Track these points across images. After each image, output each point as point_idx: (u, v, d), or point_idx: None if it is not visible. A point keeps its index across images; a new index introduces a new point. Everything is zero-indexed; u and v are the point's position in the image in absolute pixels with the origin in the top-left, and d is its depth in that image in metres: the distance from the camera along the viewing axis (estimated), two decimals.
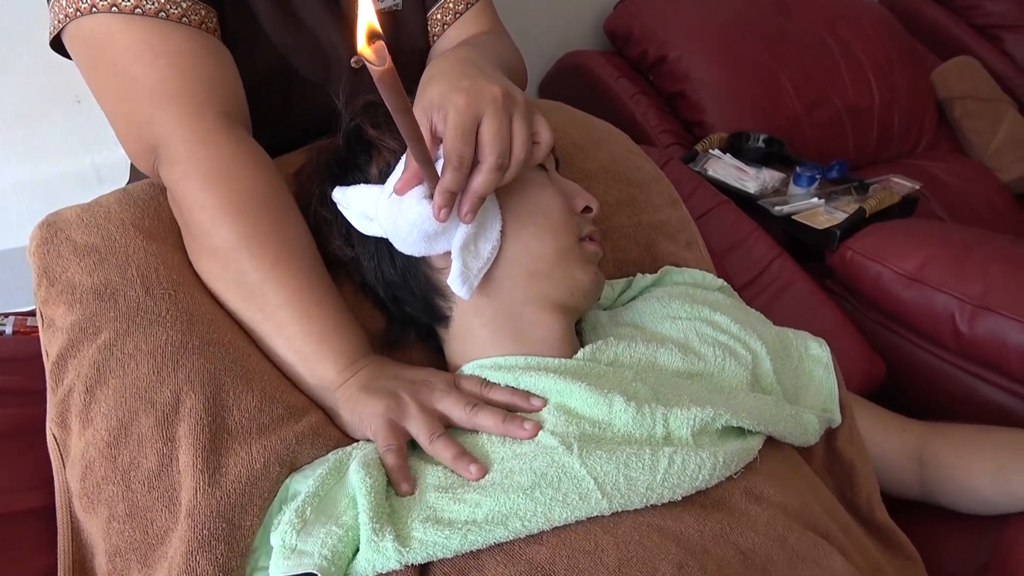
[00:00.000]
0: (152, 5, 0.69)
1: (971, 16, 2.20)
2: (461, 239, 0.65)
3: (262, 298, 0.67)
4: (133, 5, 0.68)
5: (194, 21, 0.71)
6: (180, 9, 0.69)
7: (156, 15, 0.69)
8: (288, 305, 0.66)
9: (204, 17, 0.72)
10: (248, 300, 0.68)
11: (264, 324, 0.68)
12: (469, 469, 0.58)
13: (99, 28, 0.69)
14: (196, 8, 0.71)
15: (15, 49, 1.24)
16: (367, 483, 0.56)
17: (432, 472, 0.60)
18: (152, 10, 0.68)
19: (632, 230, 0.91)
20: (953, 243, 1.20)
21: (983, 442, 0.88)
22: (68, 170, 1.36)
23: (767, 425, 0.65)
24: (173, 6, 0.69)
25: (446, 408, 0.63)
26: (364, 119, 0.72)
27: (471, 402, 0.63)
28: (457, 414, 0.63)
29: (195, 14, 0.71)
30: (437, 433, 0.61)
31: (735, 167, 1.53)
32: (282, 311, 0.66)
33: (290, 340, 0.67)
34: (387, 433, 0.61)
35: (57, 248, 0.69)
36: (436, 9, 0.90)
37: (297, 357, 0.67)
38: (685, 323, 0.75)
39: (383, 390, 0.64)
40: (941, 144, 2.02)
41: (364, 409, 0.64)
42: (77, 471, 0.61)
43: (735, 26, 1.77)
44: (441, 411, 0.63)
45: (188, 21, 0.70)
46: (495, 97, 0.62)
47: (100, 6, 0.68)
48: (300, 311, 0.66)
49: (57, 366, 0.65)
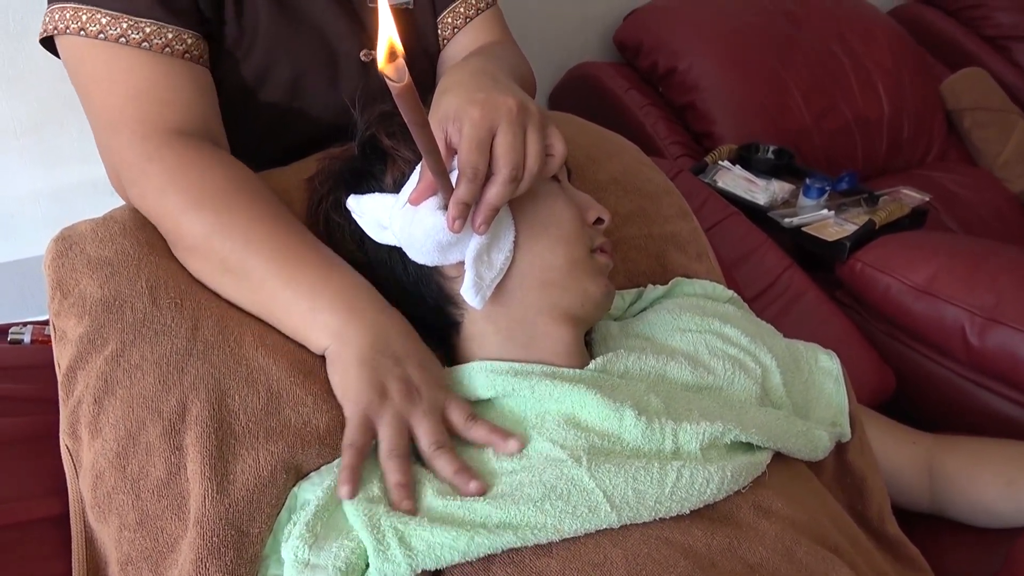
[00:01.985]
0: (114, 31, 0.70)
1: (980, 27, 2.20)
2: (474, 250, 0.65)
3: (247, 277, 0.67)
4: (97, 31, 0.70)
5: (156, 46, 0.71)
6: (142, 34, 0.71)
7: (116, 40, 0.70)
8: (272, 272, 0.66)
9: (170, 40, 0.72)
10: (238, 283, 0.68)
11: (261, 300, 0.68)
12: (403, 504, 0.56)
13: (71, 51, 0.72)
14: (161, 31, 0.71)
15: (30, 58, 1.26)
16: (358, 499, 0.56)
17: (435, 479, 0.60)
18: (114, 36, 0.70)
19: (643, 241, 0.92)
20: (963, 255, 1.19)
21: (994, 455, 0.87)
22: (83, 179, 1.38)
23: (776, 441, 0.65)
24: (135, 31, 0.70)
25: (416, 432, 0.61)
26: (379, 128, 0.73)
27: (438, 442, 0.60)
28: (421, 445, 0.61)
29: (159, 38, 0.71)
30: (394, 452, 0.59)
31: (745, 178, 1.53)
32: (269, 280, 0.67)
33: (287, 306, 0.67)
34: (355, 428, 0.60)
35: (71, 261, 0.69)
36: (447, 13, 0.91)
37: (298, 321, 0.67)
38: (695, 335, 0.75)
39: (374, 378, 0.62)
40: (951, 154, 2.01)
41: (348, 386, 0.63)
42: (88, 481, 0.62)
43: (744, 37, 1.77)
44: (413, 431, 0.62)
45: (149, 46, 0.71)
46: (510, 109, 0.62)
47: (71, 28, 0.70)
48: (286, 274, 0.66)
49: (68, 377, 0.66)
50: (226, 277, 0.68)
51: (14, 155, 1.32)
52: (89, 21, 0.70)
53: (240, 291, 0.69)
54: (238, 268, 0.67)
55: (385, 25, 0.47)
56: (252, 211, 0.69)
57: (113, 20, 0.70)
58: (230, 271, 0.68)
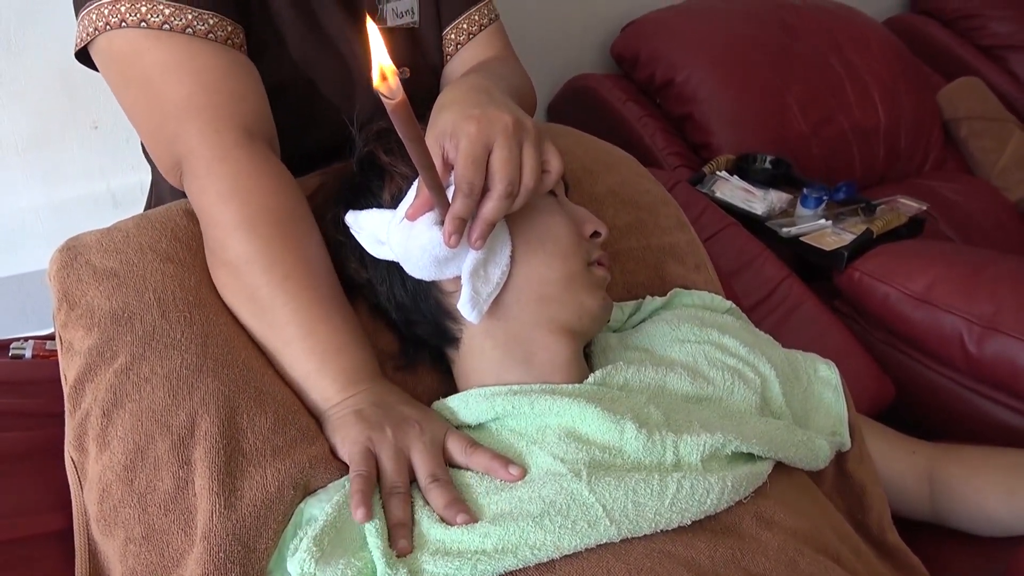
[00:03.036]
0: (180, 21, 0.70)
1: (976, 37, 2.21)
2: (471, 264, 0.66)
3: (271, 313, 0.68)
4: (161, 21, 0.69)
5: (220, 37, 0.72)
6: (207, 26, 0.71)
7: (183, 31, 0.70)
8: (296, 321, 0.67)
9: (230, 33, 0.73)
10: (258, 315, 0.69)
11: (273, 339, 0.68)
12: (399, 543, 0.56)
13: (128, 43, 0.71)
14: (223, 24, 0.72)
15: (34, 75, 1.27)
16: (375, 523, 0.57)
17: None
18: (180, 26, 0.70)
19: (641, 253, 0.92)
20: (961, 263, 1.20)
21: (994, 463, 0.88)
22: (85, 194, 1.38)
23: (777, 450, 0.65)
24: (200, 22, 0.70)
25: (415, 464, 0.62)
26: (377, 145, 0.74)
27: (434, 475, 0.61)
28: (419, 476, 0.62)
29: (221, 30, 0.72)
30: (397, 489, 0.60)
31: (743, 189, 1.54)
32: (290, 326, 0.67)
33: (296, 356, 0.67)
34: (359, 460, 0.61)
35: (77, 272, 0.70)
36: (450, 29, 0.92)
37: (301, 373, 0.68)
38: (694, 346, 0.75)
39: (372, 420, 0.64)
40: (948, 163, 2.02)
41: (347, 434, 0.64)
42: (94, 494, 0.62)
43: (741, 48, 1.78)
44: (412, 464, 0.63)
45: (215, 37, 0.71)
46: (506, 125, 0.63)
47: (129, 21, 0.69)
48: (307, 328, 0.67)
49: (75, 390, 0.66)
50: (249, 304, 0.69)
51: (16, 170, 1.32)
52: (150, 12, 0.69)
53: (256, 321, 0.69)
54: (266, 302, 0.68)
55: (376, 47, 0.48)
56: (299, 249, 0.69)
57: (178, 11, 0.70)
58: (255, 301, 0.68)
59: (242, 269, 0.68)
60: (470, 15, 0.92)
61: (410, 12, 0.89)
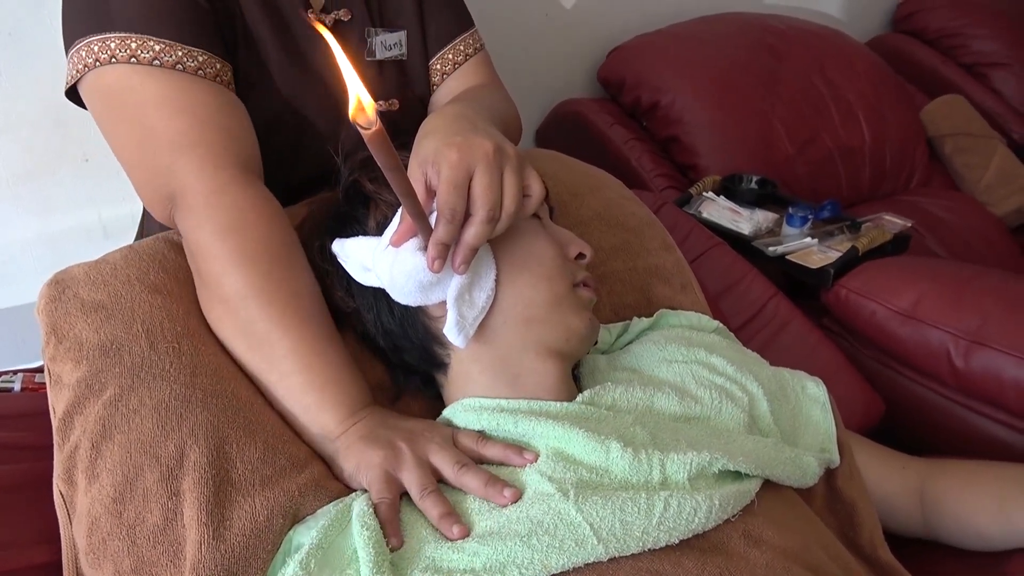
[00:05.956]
0: (170, 58, 0.71)
1: (958, 55, 2.24)
2: (456, 289, 0.66)
3: (268, 347, 0.68)
4: (151, 57, 0.70)
5: (209, 74, 0.73)
6: (196, 63, 0.72)
7: (173, 67, 0.71)
8: (292, 355, 0.67)
9: (219, 71, 0.74)
10: (254, 349, 0.69)
11: (269, 373, 0.69)
12: (452, 530, 0.58)
13: (118, 79, 0.71)
14: (211, 62, 0.73)
15: (25, 107, 1.28)
16: (366, 536, 0.57)
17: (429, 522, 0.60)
18: (170, 63, 0.71)
19: (627, 275, 0.93)
20: (947, 279, 1.21)
21: (984, 477, 0.88)
22: (76, 226, 1.39)
23: (764, 468, 0.65)
24: (190, 59, 0.72)
25: (437, 463, 0.63)
26: (362, 174, 0.75)
27: (460, 461, 0.63)
28: (446, 471, 0.63)
29: (210, 67, 0.73)
30: (428, 489, 0.61)
31: (729, 209, 1.55)
32: (286, 361, 0.68)
33: (293, 390, 0.68)
34: (382, 485, 0.62)
35: (65, 306, 0.70)
36: (436, 60, 0.94)
37: (299, 407, 0.68)
38: (681, 366, 0.76)
39: (382, 440, 0.65)
40: (934, 180, 2.04)
41: (362, 459, 0.64)
42: (83, 527, 0.62)
43: (726, 70, 1.80)
44: (434, 464, 0.64)
45: (204, 74, 0.72)
46: (487, 152, 0.64)
47: (119, 57, 0.70)
48: (304, 362, 0.67)
49: (64, 422, 0.66)
50: (243, 338, 0.69)
51: (7, 203, 1.33)
52: (140, 48, 0.70)
53: (250, 356, 0.69)
54: (261, 337, 0.68)
55: (352, 82, 0.49)
56: (294, 282, 0.70)
57: (168, 47, 0.71)
58: (250, 335, 0.69)
59: (239, 304, 0.68)
60: (455, 45, 0.94)
61: (398, 44, 0.90)
